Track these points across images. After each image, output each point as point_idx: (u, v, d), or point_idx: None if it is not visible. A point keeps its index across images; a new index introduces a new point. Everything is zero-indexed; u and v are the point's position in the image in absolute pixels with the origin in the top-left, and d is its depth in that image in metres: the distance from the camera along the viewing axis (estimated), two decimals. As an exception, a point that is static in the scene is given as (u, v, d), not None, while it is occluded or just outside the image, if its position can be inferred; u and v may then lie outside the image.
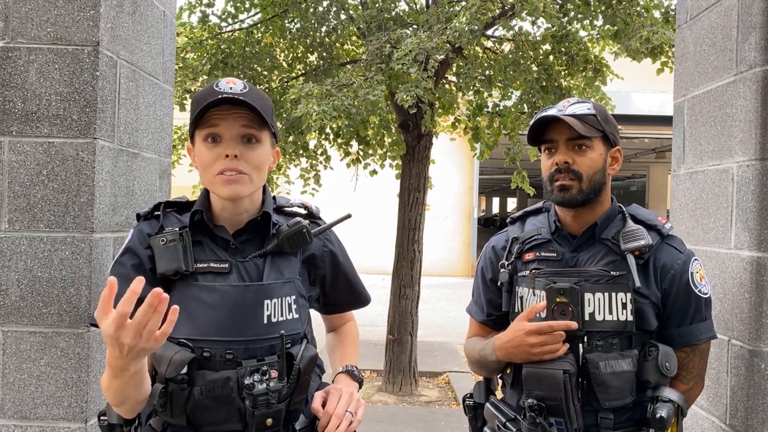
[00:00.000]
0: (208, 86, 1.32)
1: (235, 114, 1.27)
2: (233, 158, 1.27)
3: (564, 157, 1.51)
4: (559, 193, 1.52)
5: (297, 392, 1.31)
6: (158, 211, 1.38)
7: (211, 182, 1.29)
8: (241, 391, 1.23)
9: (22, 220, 1.72)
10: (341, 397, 1.34)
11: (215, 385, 1.23)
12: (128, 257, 1.32)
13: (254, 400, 1.22)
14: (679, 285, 1.51)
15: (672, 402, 1.48)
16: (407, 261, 5.75)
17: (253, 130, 1.29)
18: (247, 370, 1.25)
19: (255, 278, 1.32)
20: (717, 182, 1.88)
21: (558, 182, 1.51)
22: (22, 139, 1.72)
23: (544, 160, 1.57)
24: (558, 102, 1.71)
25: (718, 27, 1.90)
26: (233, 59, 5.64)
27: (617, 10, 4.54)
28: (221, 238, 1.34)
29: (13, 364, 1.71)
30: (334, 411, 1.31)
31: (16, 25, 1.73)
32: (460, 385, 5.91)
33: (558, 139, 1.53)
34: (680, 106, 2.16)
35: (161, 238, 1.29)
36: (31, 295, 1.71)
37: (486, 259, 1.72)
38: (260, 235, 1.37)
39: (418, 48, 4.27)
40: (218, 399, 1.24)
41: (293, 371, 1.29)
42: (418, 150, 5.68)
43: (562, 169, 1.51)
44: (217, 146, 1.28)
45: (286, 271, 1.36)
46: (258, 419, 1.24)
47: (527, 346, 1.48)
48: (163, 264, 1.28)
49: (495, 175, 27.29)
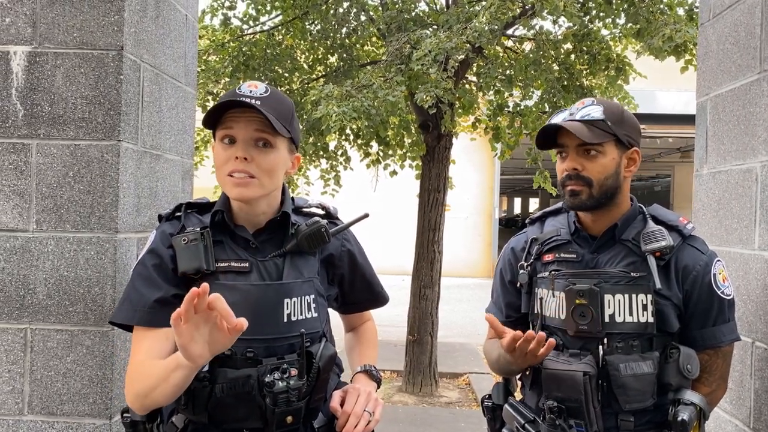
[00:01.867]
0: (232, 89, 1.34)
1: (249, 117, 1.29)
2: (243, 161, 1.28)
3: (573, 163, 1.51)
4: (570, 198, 1.52)
5: (316, 390, 1.32)
6: (179, 211, 1.41)
7: (223, 182, 1.32)
8: (262, 388, 1.25)
9: (50, 220, 1.76)
10: (359, 397, 1.35)
11: (236, 383, 1.25)
12: (150, 257, 1.34)
13: (275, 398, 1.24)
14: (702, 286, 1.49)
15: (694, 405, 1.46)
16: (427, 261, 5.75)
17: (266, 134, 1.30)
18: (267, 368, 1.26)
19: (275, 277, 1.34)
20: (740, 182, 1.85)
21: (568, 187, 1.51)
22: (50, 141, 1.77)
23: (558, 164, 1.57)
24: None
25: (741, 25, 1.87)
26: (255, 61, 5.69)
27: (639, 8, 4.49)
28: (241, 237, 1.36)
29: (40, 361, 1.75)
30: (352, 410, 1.32)
31: (44, 31, 1.77)
32: (481, 387, 5.88)
33: (568, 145, 1.52)
34: (703, 105, 2.13)
35: (182, 237, 1.32)
36: (58, 294, 1.76)
37: (505, 261, 1.72)
38: (279, 235, 1.39)
39: (437, 48, 4.27)
40: (239, 397, 1.25)
41: (313, 369, 1.30)
42: (438, 150, 5.68)
43: (572, 176, 1.51)
44: (231, 147, 1.30)
45: (305, 270, 1.38)
46: (278, 417, 1.25)
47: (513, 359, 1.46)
48: (184, 263, 1.30)
49: (517, 175, 27.09)
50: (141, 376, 1.24)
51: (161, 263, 1.33)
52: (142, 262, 1.35)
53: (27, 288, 1.76)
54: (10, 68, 1.77)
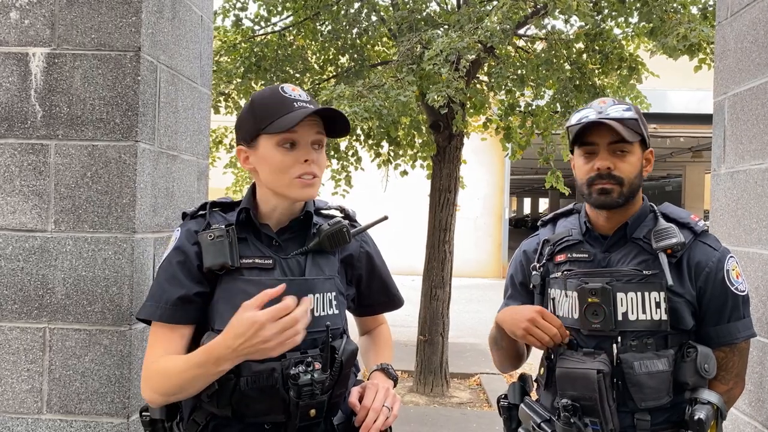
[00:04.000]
0: (273, 92, 1.37)
1: (311, 121, 1.35)
2: (311, 163, 1.34)
3: (606, 162, 1.50)
4: (600, 196, 1.51)
5: (339, 385, 1.35)
6: (204, 210, 1.44)
7: (288, 185, 1.34)
8: (286, 382, 1.27)
9: (68, 221, 1.78)
10: (378, 392, 1.37)
11: (260, 376, 1.27)
12: (175, 254, 1.37)
13: (299, 391, 1.26)
14: (715, 283, 1.49)
15: (711, 404, 1.45)
16: (438, 262, 5.75)
17: (323, 135, 1.37)
18: (291, 362, 1.28)
19: (297, 274, 1.37)
20: (760, 182, 1.84)
21: (598, 186, 1.50)
22: (68, 142, 1.78)
23: (582, 162, 1.54)
24: (590, 101, 1.70)
25: (760, 23, 1.86)
26: (266, 62, 5.71)
27: (653, 6, 4.46)
28: (265, 235, 1.39)
29: (59, 360, 1.77)
30: (371, 405, 1.34)
31: (62, 32, 1.79)
32: (492, 387, 5.87)
33: (600, 143, 1.51)
34: (720, 104, 2.11)
35: (209, 233, 1.34)
36: (76, 294, 1.77)
37: (516, 263, 1.73)
38: (301, 234, 1.42)
39: (449, 48, 4.26)
40: (263, 390, 1.27)
41: (336, 363, 1.33)
42: (449, 150, 5.67)
43: (604, 175, 1.50)
44: (292, 151, 1.34)
45: (326, 268, 1.41)
46: (302, 410, 1.28)
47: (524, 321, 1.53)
48: (209, 259, 1.33)
49: (526, 176, 27.01)
50: (159, 370, 1.29)
51: (186, 260, 1.36)
52: (167, 260, 1.38)
53: (45, 288, 1.77)
54: (29, 70, 1.79)
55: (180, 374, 1.25)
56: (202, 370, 1.22)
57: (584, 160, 1.54)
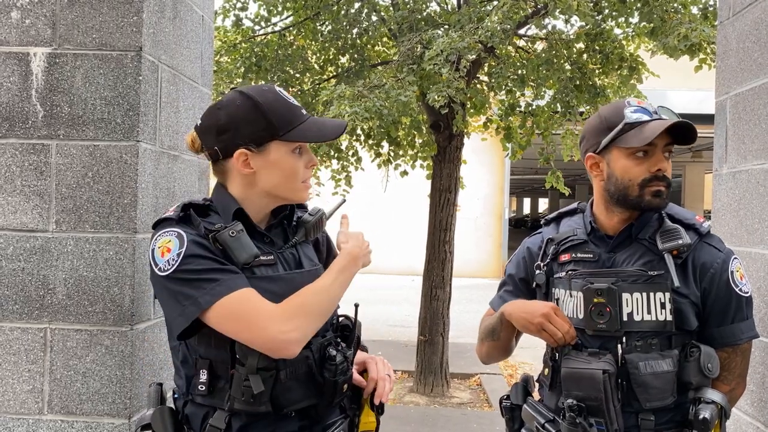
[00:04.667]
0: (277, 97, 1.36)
1: None
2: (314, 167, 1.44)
3: (664, 164, 1.50)
4: (655, 198, 1.50)
5: (355, 357, 1.46)
6: (185, 211, 1.37)
7: (296, 189, 1.40)
8: (320, 365, 1.34)
9: (69, 221, 1.77)
10: (377, 363, 1.48)
11: (298, 365, 1.32)
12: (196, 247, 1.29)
13: (335, 370, 1.33)
14: (719, 284, 1.49)
15: (715, 403, 1.45)
16: (438, 262, 5.74)
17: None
18: (318, 346, 1.35)
19: (294, 266, 1.41)
20: (762, 181, 1.84)
21: (654, 188, 1.50)
22: (69, 142, 1.78)
23: (633, 163, 1.50)
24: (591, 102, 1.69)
25: (762, 23, 1.85)
26: (266, 62, 5.71)
27: (653, 6, 4.46)
28: (258, 232, 1.40)
29: (60, 360, 1.76)
30: (378, 376, 1.46)
31: (63, 32, 1.78)
32: (492, 387, 5.87)
33: (658, 144, 1.49)
34: (722, 104, 2.11)
35: (229, 231, 1.31)
36: (77, 294, 1.77)
37: (519, 258, 1.72)
38: (283, 228, 1.47)
39: (449, 48, 4.26)
40: (300, 378, 1.33)
41: (353, 339, 1.44)
42: (449, 150, 5.67)
43: (660, 177, 1.50)
44: (301, 157, 1.40)
45: (312, 257, 1.48)
46: (338, 387, 1.35)
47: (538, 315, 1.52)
48: (243, 253, 1.29)
49: (526, 176, 27.01)
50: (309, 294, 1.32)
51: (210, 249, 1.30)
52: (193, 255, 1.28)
53: (47, 288, 1.77)
54: (30, 69, 1.78)
55: (331, 286, 1.34)
56: (347, 274, 1.36)
57: (637, 161, 1.50)
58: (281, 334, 1.25)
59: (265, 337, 1.25)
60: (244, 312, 1.26)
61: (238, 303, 1.26)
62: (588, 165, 1.62)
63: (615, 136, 1.52)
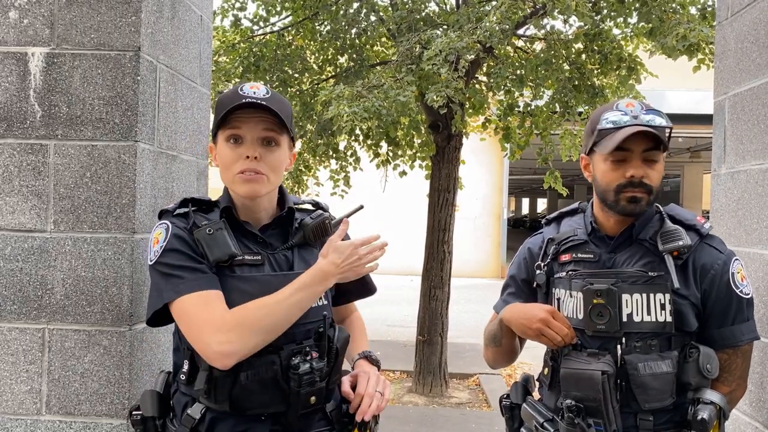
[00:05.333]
0: (232, 89, 1.38)
1: (257, 117, 1.35)
2: (253, 159, 1.34)
3: (640, 170, 1.47)
4: (629, 204, 1.48)
5: (334, 371, 1.39)
6: (185, 207, 1.43)
7: (231, 181, 1.37)
8: (285, 373, 1.30)
9: (67, 221, 1.77)
10: (369, 379, 1.42)
11: (260, 370, 1.29)
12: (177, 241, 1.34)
13: (299, 380, 1.29)
14: (720, 285, 1.49)
15: (714, 404, 1.45)
16: (437, 262, 5.74)
17: (274, 133, 1.37)
18: (288, 353, 1.31)
19: (285, 269, 1.40)
20: (760, 182, 1.84)
21: (629, 194, 1.48)
22: (67, 142, 1.77)
23: (609, 167, 1.50)
24: (589, 102, 1.69)
25: (761, 23, 1.86)
26: (265, 62, 5.71)
27: (652, 7, 4.46)
28: (249, 232, 1.40)
29: (58, 361, 1.76)
30: (365, 392, 1.39)
31: (62, 32, 1.78)
32: (491, 387, 5.87)
33: (634, 150, 1.47)
34: (721, 105, 2.11)
35: (207, 228, 1.34)
36: (75, 294, 1.76)
37: (520, 259, 1.72)
38: (284, 230, 1.45)
39: (448, 48, 4.26)
40: (264, 382, 1.30)
41: (332, 351, 1.37)
42: (448, 150, 5.67)
43: (636, 183, 1.47)
44: (238, 147, 1.36)
45: (312, 261, 1.43)
46: (303, 398, 1.30)
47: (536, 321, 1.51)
48: (217, 251, 1.32)
49: (525, 176, 27.02)
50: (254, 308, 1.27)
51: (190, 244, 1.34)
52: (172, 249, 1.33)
53: (45, 288, 1.76)
54: (29, 69, 1.78)
55: (283, 302, 1.27)
56: (307, 292, 1.29)
57: (613, 166, 1.49)
58: (216, 345, 1.25)
59: (201, 344, 1.27)
60: (192, 315, 1.28)
61: (191, 305, 1.28)
62: (582, 165, 1.63)
63: (594, 141, 1.52)
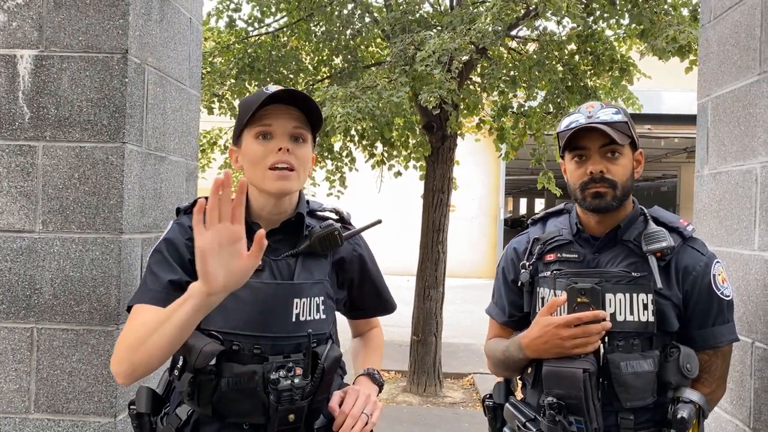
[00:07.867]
0: (258, 91, 1.37)
1: (288, 113, 1.33)
2: (285, 152, 1.31)
3: (599, 166, 1.50)
4: (594, 200, 1.51)
5: (320, 391, 1.33)
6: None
7: (262, 177, 1.33)
8: (267, 385, 1.26)
9: (55, 221, 1.79)
10: (358, 398, 1.35)
11: (241, 378, 1.26)
12: (165, 244, 1.35)
13: (278, 395, 1.25)
14: (701, 287, 1.51)
15: (693, 403, 1.47)
16: (431, 262, 5.76)
17: (303, 129, 1.35)
18: (273, 366, 1.28)
19: (286, 277, 1.36)
20: (740, 183, 1.86)
21: (592, 189, 1.51)
22: (56, 143, 1.79)
23: (573, 167, 1.55)
24: (582, 102, 1.71)
25: (741, 26, 1.88)
26: (260, 63, 5.72)
27: (643, 8, 4.48)
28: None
29: (46, 360, 1.78)
30: (350, 411, 1.32)
31: (50, 35, 1.80)
32: (485, 387, 5.88)
33: (591, 147, 1.52)
34: (704, 106, 2.14)
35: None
36: (64, 294, 1.78)
37: (507, 260, 1.73)
38: (293, 236, 1.41)
39: (441, 49, 4.28)
40: (243, 392, 1.27)
41: (318, 370, 1.31)
42: (443, 151, 5.68)
43: (597, 179, 1.50)
44: (269, 142, 1.33)
45: (317, 272, 1.39)
46: (281, 414, 1.26)
47: (559, 339, 1.46)
48: None
49: (522, 176, 27.02)
50: (134, 328, 1.21)
51: (177, 250, 1.34)
52: (158, 250, 1.35)
53: (33, 288, 1.78)
54: (17, 71, 1.79)
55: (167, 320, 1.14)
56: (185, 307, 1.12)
57: (576, 165, 1.54)
58: (113, 363, 1.24)
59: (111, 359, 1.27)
60: (126, 326, 1.28)
61: (132, 314, 1.28)
62: (562, 170, 1.65)
63: (559, 145, 1.58)
